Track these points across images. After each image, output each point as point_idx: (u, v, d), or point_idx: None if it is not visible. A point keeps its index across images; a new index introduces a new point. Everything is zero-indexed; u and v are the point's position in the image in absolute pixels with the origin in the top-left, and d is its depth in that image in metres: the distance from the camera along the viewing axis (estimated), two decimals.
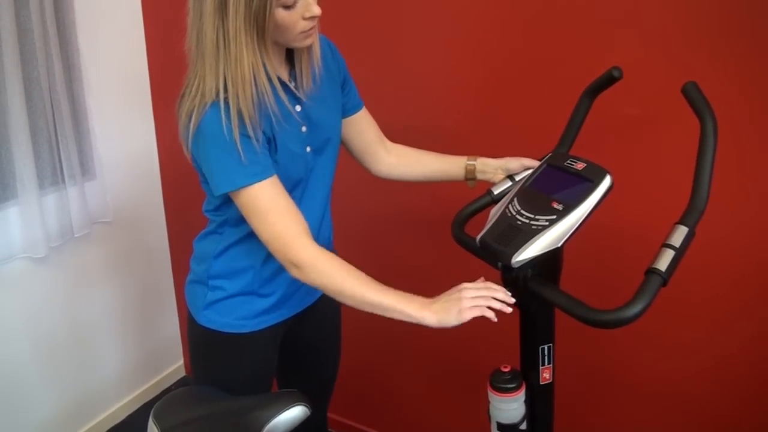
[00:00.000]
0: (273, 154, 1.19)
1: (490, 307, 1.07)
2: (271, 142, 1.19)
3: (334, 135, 1.34)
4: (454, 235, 1.37)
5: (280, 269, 1.30)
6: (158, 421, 1.15)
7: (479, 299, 1.07)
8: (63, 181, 2.02)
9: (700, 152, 1.02)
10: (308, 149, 1.27)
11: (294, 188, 1.25)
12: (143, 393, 2.54)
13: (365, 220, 2.04)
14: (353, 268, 1.15)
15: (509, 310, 1.08)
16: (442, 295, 1.11)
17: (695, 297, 1.56)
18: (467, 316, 1.06)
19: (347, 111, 1.40)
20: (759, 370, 1.54)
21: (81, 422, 2.31)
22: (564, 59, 1.58)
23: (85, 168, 2.11)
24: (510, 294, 1.10)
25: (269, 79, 1.14)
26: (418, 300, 1.10)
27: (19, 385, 2.07)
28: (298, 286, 1.36)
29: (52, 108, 1.93)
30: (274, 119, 1.17)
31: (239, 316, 1.32)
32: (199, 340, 1.37)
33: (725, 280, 1.53)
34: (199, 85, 1.12)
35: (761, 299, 1.50)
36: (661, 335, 1.63)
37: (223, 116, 1.10)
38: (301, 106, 1.24)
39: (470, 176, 1.41)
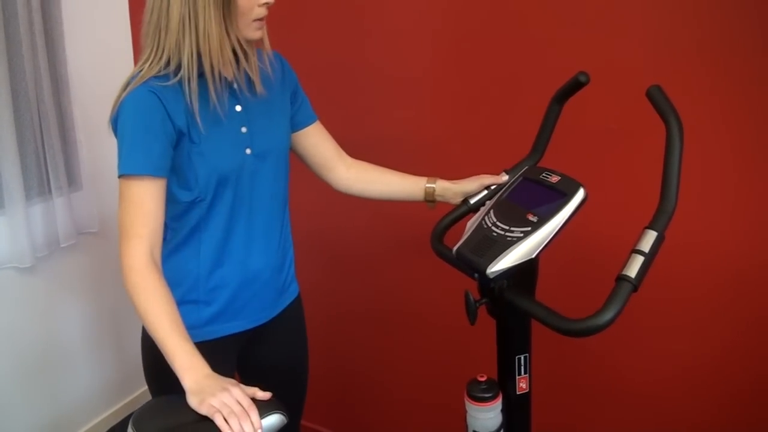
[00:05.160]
0: (194, 145, 1.20)
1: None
2: (184, 136, 1.20)
3: (279, 143, 1.35)
4: (432, 247, 1.39)
5: (227, 277, 1.30)
6: (137, 429, 1.15)
7: (228, 410, 1.02)
8: (50, 191, 2.03)
9: (667, 155, 1.03)
10: (248, 151, 1.27)
11: (224, 185, 1.25)
12: (125, 406, 2.52)
13: (348, 229, 2.06)
14: (165, 295, 1.12)
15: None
16: (217, 379, 1.07)
17: (671, 303, 1.59)
18: (203, 410, 1.03)
19: (299, 123, 1.42)
20: (735, 377, 1.56)
21: None
22: (538, 66, 1.60)
23: (72, 179, 2.12)
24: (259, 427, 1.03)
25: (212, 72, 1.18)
26: (197, 365, 1.07)
27: (4, 394, 2.06)
28: (249, 298, 1.35)
29: (39, 119, 1.95)
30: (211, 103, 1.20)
31: (187, 325, 1.19)
32: (149, 353, 1.30)
33: (700, 285, 1.55)
34: (149, 60, 1.17)
35: (737, 304, 1.52)
36: (638, 343, 1.65)
37: (149, 99, 1.15)
38: (242, 106, 1.27)
39: (429, 198, 1.42)
